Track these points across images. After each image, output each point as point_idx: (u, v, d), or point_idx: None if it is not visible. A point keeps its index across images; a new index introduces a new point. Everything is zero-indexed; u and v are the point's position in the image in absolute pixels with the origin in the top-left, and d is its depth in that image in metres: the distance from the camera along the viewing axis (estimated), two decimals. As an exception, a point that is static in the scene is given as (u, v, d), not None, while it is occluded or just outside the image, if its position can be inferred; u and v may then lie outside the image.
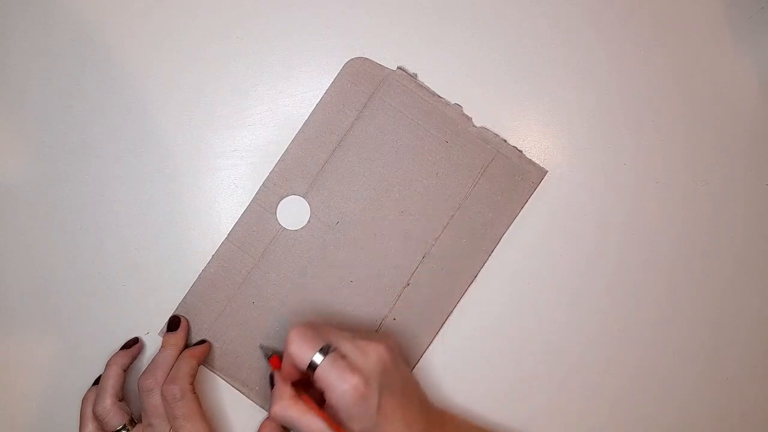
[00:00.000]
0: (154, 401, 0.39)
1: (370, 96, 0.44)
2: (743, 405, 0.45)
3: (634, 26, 0.46)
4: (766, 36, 0.46)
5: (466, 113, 0.45)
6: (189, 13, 0.45)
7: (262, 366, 0.43)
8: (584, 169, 0.46)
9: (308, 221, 0.44)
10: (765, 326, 0.46)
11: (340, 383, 0.36)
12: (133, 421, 0.40)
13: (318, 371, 0.36)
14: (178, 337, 0.42)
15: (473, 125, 0.44)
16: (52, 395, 0.44)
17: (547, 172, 0.45)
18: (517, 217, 0.45)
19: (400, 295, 0.44)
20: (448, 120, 0.44)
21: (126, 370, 0.42)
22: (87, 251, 0.44)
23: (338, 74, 0.44)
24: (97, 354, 0.44)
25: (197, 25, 0.45)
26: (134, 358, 0.43)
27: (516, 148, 0.45)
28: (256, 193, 0.44)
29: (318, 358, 0.37)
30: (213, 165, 0.45)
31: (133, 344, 0.43)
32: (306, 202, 0.44)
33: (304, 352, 0.37)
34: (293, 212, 0.44)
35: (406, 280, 0.44)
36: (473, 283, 0.44)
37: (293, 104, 0.45)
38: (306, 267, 0.44)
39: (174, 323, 0.43)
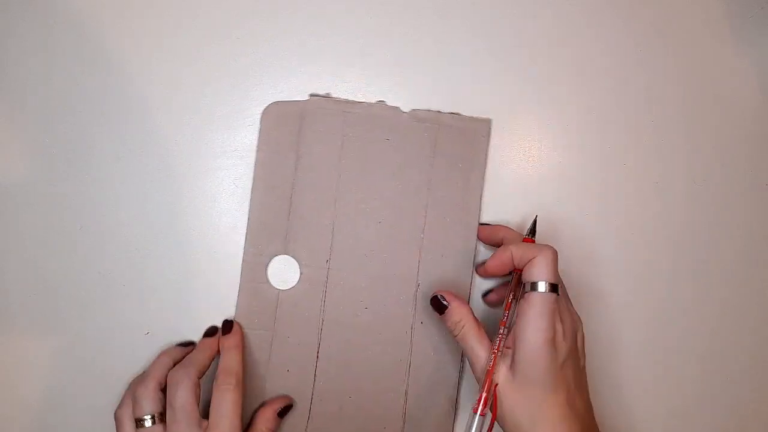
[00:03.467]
0: (181, 393, 0.38)
1: (298, 133, 0.44)
2: (732, 409, 0.45)
3: (634, 26, 0.46)
4: (766, 36, 0.46)
5: (391, 105, 0.45)
6: (189, 13, 0.45)
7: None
8: (584, 169, 0.46)
9: (301, 273, 0.44)
10: (765, 326, 0.46)
11: (546, 319, 0.35)
12: (163, 415, 0.39)
13: (535, 295, 0.36)
14: (214, 342, 0.43)
15: (403, 112, 0.44)
16: (52, 395, 0.44)
17: (491, 120, 0.45)
18: (520, 219, 0.45)
19: (416, 299, 0.44)
20: (378, 119, 0.44)
21: (176, 363, 0.41)
22: (87, 251, 0.44)
23: (260, 126, 0.44)
24: (97, 354, 0.44)
25: (197, 25, 0.45)
26: (186, 354, 0.42)
27: (452, 113, 0.45)
28: (242, 272, 0.44)
29: (542, 287, 0.36)
30: (213, 165, 0.45)
31: (189, 345, 0.43)
32: (290, 257, 0.44)
33: (544, 272, 0.36)
34: (284, 272, 0.44)
35: (416, 282, 0.44)
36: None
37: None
38: (320, 314, 0.44)
39: (227, 327, 0.43)
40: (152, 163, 0.45)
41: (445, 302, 0.40)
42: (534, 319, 0.35)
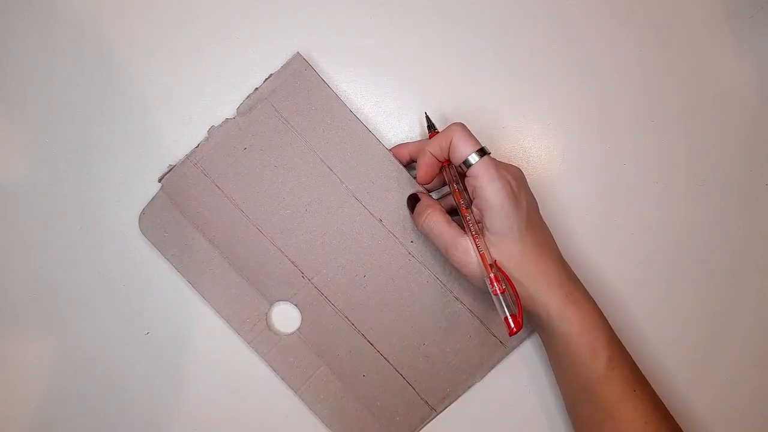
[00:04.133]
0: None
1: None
2: (736, 408, 0.45)
3: (634, 26, 0.46)
4: (766, 36, 0.46)
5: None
6: (189, 14, 0.45)
7: None
8: (584, 169, 0.46)
9: (300, 315, 0.44)
10: (765, 326, 0.46)
11: (495, 179, 0.37)
12: None
13: (475, 167, 0.37)
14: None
15: (233, 116, 0.44)
16: (52, 395, 0.44)
17: (298, 51, 0.43)
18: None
19: (391, 232, 0.44)
20: (232, 137, 0.44)
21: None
22: (87, 251, 0.44)
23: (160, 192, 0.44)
24: (97, 354, 0.44)
25: (197, 25, 0.45)
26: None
27: (265, 79, 0.44)
28: (251, 343, 0.44)
29: (475, 157, 0.38)
30: (213, 165, 0.45)
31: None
32: (286, 305, 0.44)
33: (467, 146, 0.38)
34: (285, 319, 0.44)
35: (380, 221, 0.43)
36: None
37: (293, 104, 0.45)
38: (339, 314, 0.44)
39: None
40: (152, 163, 0.45)
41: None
42: (488, 184, 0.37)
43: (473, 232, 0.39)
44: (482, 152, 0.38)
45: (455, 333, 0.44)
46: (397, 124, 0.45)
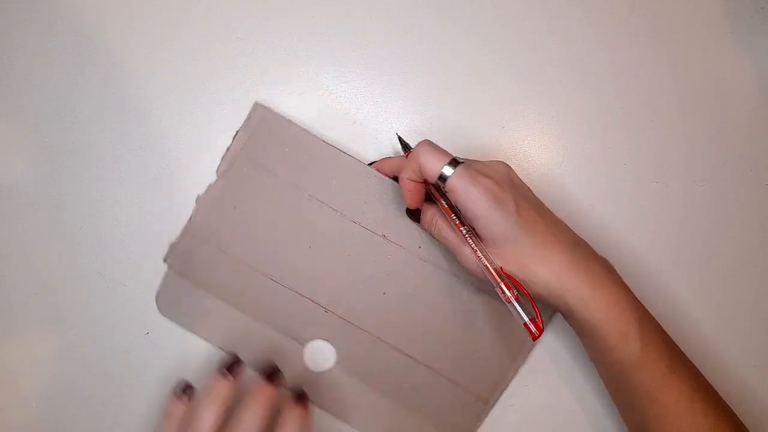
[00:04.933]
0: None
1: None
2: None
3: (634, 26, 0.46)
4: (766, 36, 0.46)
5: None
6: (189, 14, 0.45)
7: None
8: (584, 169, 0.46)
9: (334, 348, 0.44)
10: (765, 326, 0.46)
11: (475, 187, 0.36)
12: None
13: (451, 180, 0.36)
14: (274, 392, 0.37)
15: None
16: (52, 395, 0.44)
17: (257, 101, 0.44)
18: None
19: (386, 243, 0.44)
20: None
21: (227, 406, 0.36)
22: (87, 251, 0.44)
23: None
24: (97, 354, 0.44)
25: (197, 26, 0.45)
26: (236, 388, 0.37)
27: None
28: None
29: (448, 170, 0.36)
30: (213, 165, 0.45)
31: (234, 364, 0.37)
32: (318, 342, 0.44)
33: (436, 162, 0.37)
34: (320, 356, 0.44)
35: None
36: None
37: (293, 104, 0.45)
38: (371, 337, 0.44)
39: (274, 373, 0.37)
40: (152, 163, 0.45)
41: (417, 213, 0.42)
42: (467, 196, 0.36)
43: (472, 245, 0.38)
44: (454, 163, 0.37)
45: (487, 323, 0.43)
46: (397, 124, 0.45)
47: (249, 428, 0.35)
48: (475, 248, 0.38)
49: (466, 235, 0.38)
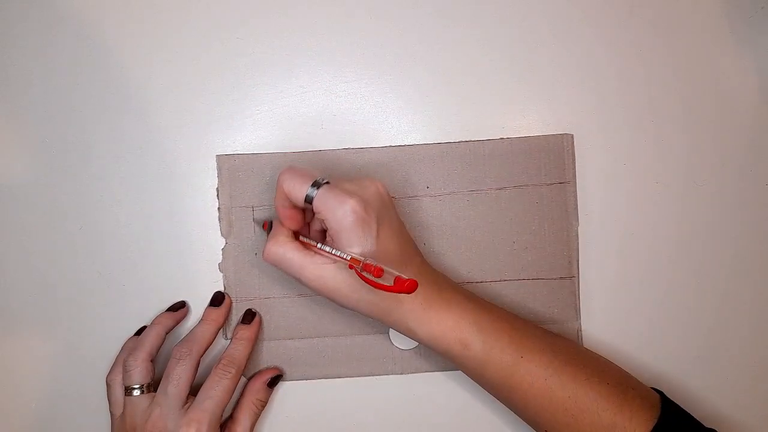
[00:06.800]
0: (179, 371, 0.40)
1: None
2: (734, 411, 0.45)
3: (634, 26, 0.46)
4: (766, 36, 0.46)
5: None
6: (189, 14, 0.45)
7: None
8: (584, 169, 0.46)
9: None
10: (764, 326, 0.46)
11: (339, 206, 0.36)
12: (151, 386, 0.41)
13: (316, 201, 0.37)
14: (219, 313, 0.43)
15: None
16: (52, 395, 0.44)
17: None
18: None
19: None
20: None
21: (168, 332, 0.43)
22: (87, 251, 0.44)
23: None
24: (97, 354, 0.44)
25: (198, 26, 0.45)
26: (178, 322, 0.44)
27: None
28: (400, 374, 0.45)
29: (313, 191, 0.37)
30: (213, 165, 0.45)
31: (179, 308, 0.44)
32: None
33: (299, 187, 0.37)
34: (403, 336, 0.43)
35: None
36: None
37: (293, 104, 0.45)
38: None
39: (218, 299, 0.44)
40: (152, 163, 0.45)
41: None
42: (333, 216, 0.36)
43: (327, 245, 0.38)
44: (317, 185, 0.37)
45: (525, 216, 0.45)
46: (397, 124, 0.45)
47: (200, 337, 0.41)
48: (330, 248, 0.37)
49: (331, 252, 0.38)
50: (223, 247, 0.44)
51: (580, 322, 0.45)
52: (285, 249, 0.38)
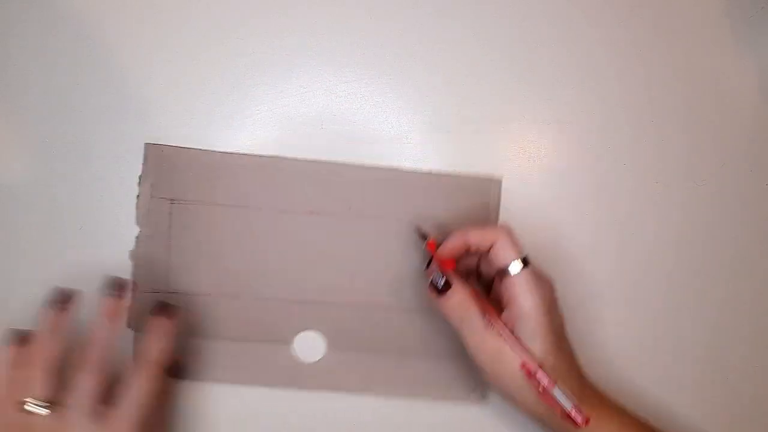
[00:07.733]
0: (85, 380, 0.36)
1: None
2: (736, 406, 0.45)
3: (634, 26, 0.46)
4: (766, 36, 0.46)
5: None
6: (189, 13, 0.45)
7: None
8: (584, 169, 0.46)
9: (320, 334, 0.44)
10: (764, 326, 0.46)
11: (535, 295, 0.36)
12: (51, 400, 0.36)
13: (516, 277, 0.36)
14: (120, 305, 0.39)
15: None
16: (52, 395, 0.44)
17: None
18: (515, 219, 0.45)
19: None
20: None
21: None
22: (87, 251, 0.44)
23: None
24: (97, 354, 0.44)
25: (197, 25, 0.45)
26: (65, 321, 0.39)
27: None
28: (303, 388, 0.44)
29: (517, 266, 0.37)
30: (213, 165, 0.45)
31: (68, 299, 0.39)
32: (304, 333, 0.44)
33: (509, 253, 0.37)
34: (308, 347, 0.44)
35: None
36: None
37: (293, 104, 0.45)
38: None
39: (118, 286, 0.39)
40: (152, 163, 0.45)
41: (442, 282, 0.38)
42: (528, 297, 0.36)
43: (519, 350, 0.37)
44: (525, 261, 0.37)
45: None
46: (397, 123, 0.45)
47: (100, 339, 0.37)
48: (526, 360, 0.36)
49: (505, 330, 0.37)
50: (137, 235, 0.44)
51: None
52: (470, 314, 0.37)
